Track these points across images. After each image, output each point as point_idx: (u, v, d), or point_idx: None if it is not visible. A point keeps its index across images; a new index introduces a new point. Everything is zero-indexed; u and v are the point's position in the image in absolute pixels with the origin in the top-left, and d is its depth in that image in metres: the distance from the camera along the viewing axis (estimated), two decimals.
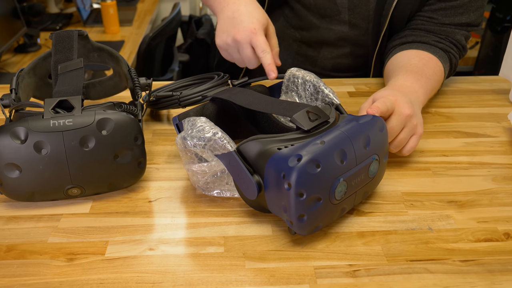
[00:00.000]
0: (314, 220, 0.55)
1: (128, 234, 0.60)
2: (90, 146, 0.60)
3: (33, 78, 0.77)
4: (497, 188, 0.68)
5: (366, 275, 0.54)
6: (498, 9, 1.83)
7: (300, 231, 0.55)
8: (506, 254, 0.57)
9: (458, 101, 0.94)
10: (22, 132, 0.59)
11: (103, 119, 0.61)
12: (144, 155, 0.66)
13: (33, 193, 0.62)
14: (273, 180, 0.54)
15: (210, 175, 0.62)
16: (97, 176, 0.62)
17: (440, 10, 0.90)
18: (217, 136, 0.58)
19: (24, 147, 0.58)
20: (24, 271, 0.54)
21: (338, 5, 0.97)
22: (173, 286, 0.53)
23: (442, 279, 0.53)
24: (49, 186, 0.61)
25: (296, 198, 0.52)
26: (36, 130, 0.59)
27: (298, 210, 0.53)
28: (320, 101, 0.69)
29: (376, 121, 0.59)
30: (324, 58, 1.06)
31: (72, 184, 0.62)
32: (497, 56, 1.83)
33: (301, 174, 0.51)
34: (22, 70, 0.75)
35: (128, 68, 0.80)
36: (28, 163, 0.59)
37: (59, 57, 0.70)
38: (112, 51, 0.82)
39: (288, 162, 0.52)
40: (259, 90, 0.74)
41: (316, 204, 0.53)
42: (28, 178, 0.60)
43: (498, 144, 0.80)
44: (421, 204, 0.65)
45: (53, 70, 0.69)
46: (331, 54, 1.05)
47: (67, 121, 0.59)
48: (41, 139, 0.59)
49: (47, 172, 0.60)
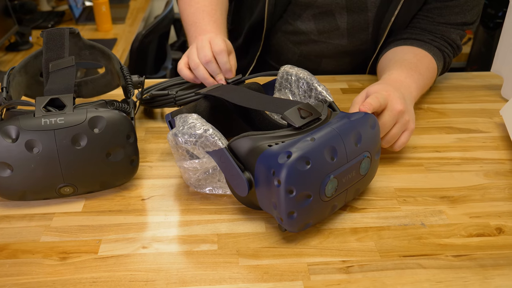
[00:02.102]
0: (305, 217, 0.55)
1: (121, 233, 0.59)
2: (82, 144, 0.60)
3: (24, 77, 0.76)
4: (489, 184, 0.69)
5: (359, 271, 0.54)
6: (490, 5, 1.83)
7: (291, 228, 0.55)
8: (498, 248, 0.57)
9: (450, 97, 0.94)
10: (13, 131, 0.58)
11: (95, 117, 0.60)
12: (137, 153, 0.65)
13: (25, 192, 0.61)
14: (263, 177, 0.54)
15: (202, 172, 0.62)
16: (90, 175, 0.62)
17: (436, 9, 0.90)
18: (208, 133, 0.58)
19: (15, 146, 0.58)
20: (16, 271, 0.54)
21: (337, 19, 0.97)
22: (167, 284, 0.52)
23: (435, 274, 0.54)
24: (41, 185, 0.61)
25: (286, 195, 0.52)
26: (27, 128, 0.58)
27: (288, 207, 0.53)
28: (314, 99, 0.69)
29: (367, 118, 0.59)
30: (324, 70, 1.06)
31: (64, 183, 0.61)
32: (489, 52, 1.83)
33: (291, 171, 0.51)
34: (13, 69, 0.74)
35: (120, 66, 0.80)
36: (19, 162, 0.59)
37: (50, 55, 0.69)
38: (104, 48, 0.82)
39: (278, 159, 0.52)
40: (253, 87, 0.74)
41: (306, 201, 0.53)
42: (19, 177, 0.59)
43: (490, 139, 0.80)
44: (413, 200, 0.65)
45: (44, 68, 0.68)
46: (331, 66, 1.05)
47: (58, 120, 0.59)
48: (33, 138, 0.58)
49: (39, 171, 0.59)
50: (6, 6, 2.01)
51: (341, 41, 1.00)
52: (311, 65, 1.06)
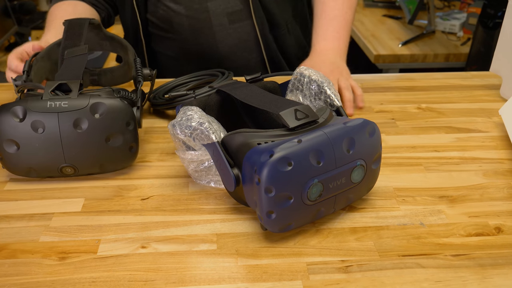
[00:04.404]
0: (284, 218, 0.54)
1: (120, 232, 0.59)
2: (83, 128, 0.63)
3: (47, 62, 0.82)
4: (488, 183, 0.69)
5: (358, 270, 0.54)
6: (489, 5, 1.83)
7: (270, 228, 0.55)
8: (497, 248, 0.57)
9: (449, 96, 0.95)
10: (20, 111, 0.62)
11: (97, 103, 0.63)
12: (136, 141, 0.68)
13: (30, 169, 0.65)
14: (248, 174, 0.54)
15: (198, 164, 0.62)
16: (89, 157, 0.65)
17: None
18: (203, 126, 0.58)
19: (22, 125, 0.62)
20: (15, 271, 0.54)
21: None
22: (166, 284, 0.52)
23: (434, 273, 0.54)
24: (45, 163, 0.64)
25: (265, 194, 0.52)
26: (34, 110, 0.62)
27: (267, 206, 0.53)
28: (323, 102, 0.69)
29: (365, 126, 0.58)
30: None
31: (65, 163, 0.64)
32: (488, 52, 1.83)
33: (271, 170, 0.51)
34: (36, 54, 0.79)
35: (135, 57, 0.84)
36: (25, 141, 0.63)
37: (68, 43, 0.75)
38: (122, 40, 0.87)
39: (261, 157, 0.52)
40: (269, 86, 0.73)
41: (286, 202, 0.53)
42: (25, 154, 0.63)
43: (489, 139, 0.80)
44: (412, 200, 0.65)
45: (60, 55, 0.74)
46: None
47: (63, 103, 0.63)
48: (38, 119, 0.62)
49: (42, 150, 0.63)
50: (5, 7, 2.00)
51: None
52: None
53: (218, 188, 0.67)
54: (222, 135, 0.59)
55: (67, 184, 0.68)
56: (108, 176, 0.70)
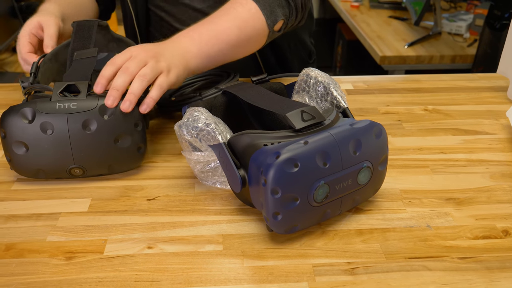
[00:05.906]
0: (291, 219, 0.54)
1: (127, 233, 0.60)
2: (92, 129, 0.63)
3: (55, 64, 0.81)
4: (495, 186, 0.69)
5: (364, 272, 0.54)
6: (496, 6, 1.83)
7: (276, 229, 0.55)
8: (504, 251, 0.57)
9: (456, 98, 0.94)
10: (29, 113, 0.62)
11: (105, 104, 0.64)
12: (144, 141, 0.68)
13: (38, 170, 0.66)
14: (255, 175, 0.54)
15: (204, 165, 0.62)
16: (98, 158, 0.65)
17: None
18: (210, 127, 0.58)
19: (31, 126, 0.62)
20: (22, 270, 0.54)
21: None
22: (172, 284, 0.53)
23: (440, 276, 0.54)
24: (53, 164, 0.65)
25: (271, 195, 0.52)
26: (43, 111, 0.63)
27: (273, 208, 0.53)
28: (329, 103, 0.69)
29: (372, 127, 0.57)
30: None
31: (74, 164, 0.65)
32: (495, 53, 1.82)
33: (277, 172, 0.51)
34: (44, 56, 0.80)
35: None
36: (34, 142, 0.63)
37: (77, 45, 0.75)
38: (130, 42, 0.87)
39: (267, 159, 0.52)
40: (275, 87, 0.73)
41: (293, 203, 0.53)
42: (34, 156, 0.64)
43: (496, 141, 0.80)
44: (419, 202, 0.65)
45: (69, 57, 0.74)
46: None
47: (71, 105, 0.63)
48: (47, 120, 0.62)
49: (51, 151, 0.63)
50: (12, 7, 2.02)
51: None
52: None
53: (224, 189, 0.67)
54: (228, 136, 0.59)
55: (74, 184, 0.68)
56: (115, 177, 0.70)
